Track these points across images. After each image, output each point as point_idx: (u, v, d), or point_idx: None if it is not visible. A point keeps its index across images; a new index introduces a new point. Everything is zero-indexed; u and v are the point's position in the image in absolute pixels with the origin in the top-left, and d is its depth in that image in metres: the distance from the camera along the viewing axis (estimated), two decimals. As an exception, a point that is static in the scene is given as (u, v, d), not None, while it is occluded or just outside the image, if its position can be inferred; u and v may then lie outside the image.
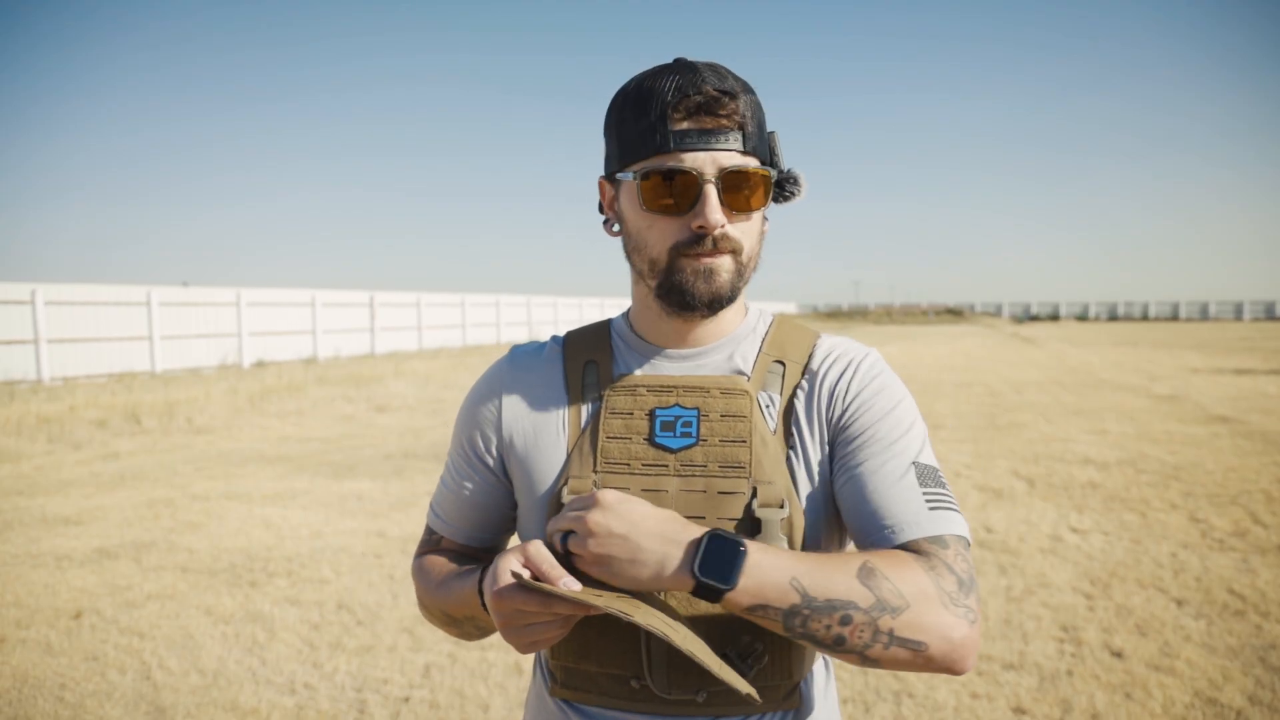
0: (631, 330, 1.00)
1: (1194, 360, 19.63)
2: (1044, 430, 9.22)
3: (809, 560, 0.79)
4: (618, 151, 0.91)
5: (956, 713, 2.94)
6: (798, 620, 0.77)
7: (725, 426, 0.90)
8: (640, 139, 0.87)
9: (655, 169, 0.86)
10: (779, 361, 0.95)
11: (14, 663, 3.40)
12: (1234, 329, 43.60)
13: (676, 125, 0.85)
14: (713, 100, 0.85)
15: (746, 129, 0.87)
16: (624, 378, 0.96)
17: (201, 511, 5.91)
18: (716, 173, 0.85)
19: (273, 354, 20.14)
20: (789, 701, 0.91)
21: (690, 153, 0.85)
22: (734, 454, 0.89)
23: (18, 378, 14.37)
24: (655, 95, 0.86)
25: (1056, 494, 6.21)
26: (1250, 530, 5.11)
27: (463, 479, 1.02)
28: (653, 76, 0.88)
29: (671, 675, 0.88)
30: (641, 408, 0.93)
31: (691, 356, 0.96)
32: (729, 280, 0.89)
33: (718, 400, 0.92)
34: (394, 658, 3.43)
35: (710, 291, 0.88)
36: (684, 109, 0.85)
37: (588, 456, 0.92)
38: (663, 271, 0.90)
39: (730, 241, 0.88)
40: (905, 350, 25.00)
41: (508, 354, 1.05)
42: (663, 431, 0.91)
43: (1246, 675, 3.16)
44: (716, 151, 0.85)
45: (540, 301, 33.26)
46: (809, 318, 66.68)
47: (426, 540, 1.08)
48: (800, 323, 1.02)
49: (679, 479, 0.90)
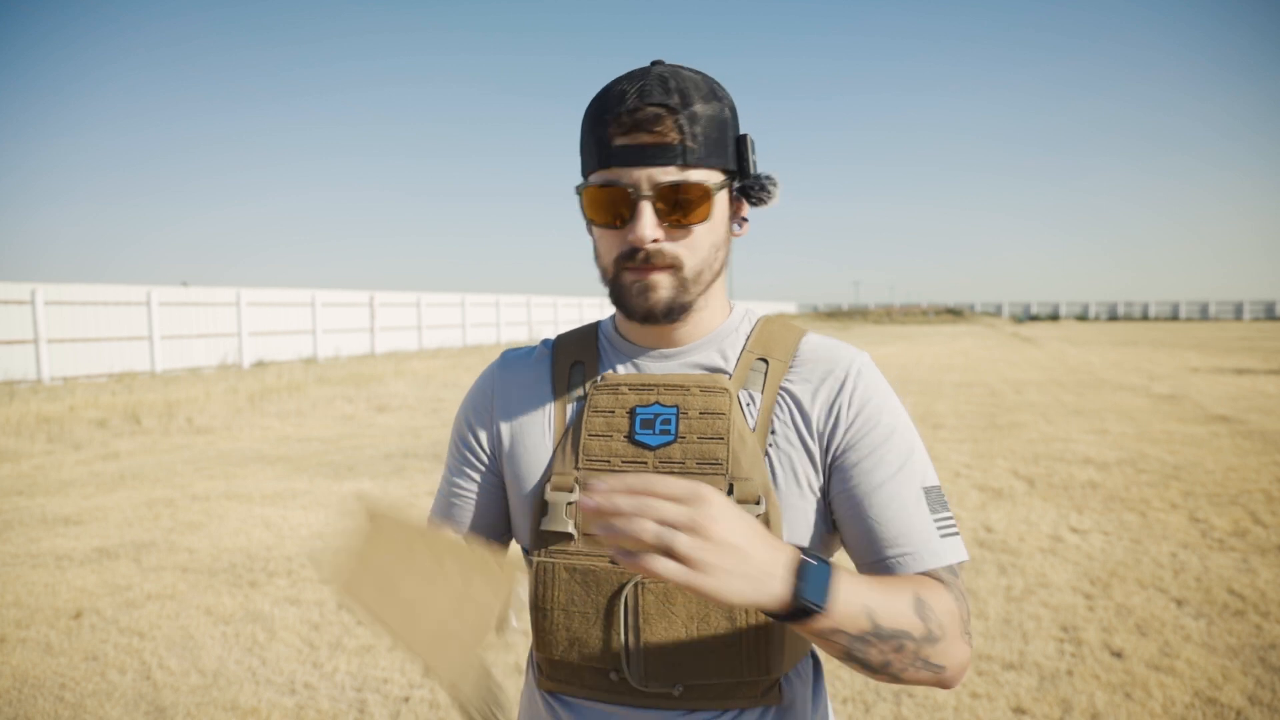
0: (617, 332, 1.01)
1: (1194, 360, 19.63)
2: (1044, 430, 9.22)
3: (875, 588, 0.80)
4: (581, 161, 0.94)
5: (956, 713, 2.94)
6: (860, 645, 0.77)
7: (703, 424, 0.91)
8: (588, 153, 0.90)
9: (595, 183, 0.89)
10: (762, 359, 0.96)
11: (14, 663, 3.40)
12: (1234, 329, 43.60)
13: (615, 141, 0.86)
14: (650, 117, 0.85)
15: (688, 143, 0.86)
16: (608, 376, 0.97)
17: (201, 511, 5.91)
18: (651, 188, 0.86)
19: (273, 354, 20.14)
20: (769, 697, 0.92)
21: (626, 168, 0.86)
22: (711, 451, 0.90)
23: (18, 378, 14.37)
24: (603, 109, 0.88)
25: (1056, 494, 6.21)
26: (1250, 530, 5.11)
27: (459, 481, 1.04)
28: (608, 88, 0.89)
29: (648, 668, 0.89)
30: (623, 406, 0.94)
31: (674, 356, 0.97)
32: (668, 296, 0.89)
33: (697, 398, 0.93)
34: (394, 658, 3.43)
35: (646, 306, 0.89)
36: (621, 125, 0.86)
37: (570, 454, 0.94)
38: (610, 282, 0.92)
39: (665, 257, 0.88)
40: (905, 350, 24.99)
41: (499, 358, 1.07)
42: (642, 429, 0.93)
43: (1246, 675, 3.16)
44: (652, 168, 0.86)
45: (540, 301, 33.25)
46: (809, 318, 66.66)
47: None
48: (786, 321, 1.02)
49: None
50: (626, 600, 0.89)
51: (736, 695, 0.90)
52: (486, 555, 0.79)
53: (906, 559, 0.87)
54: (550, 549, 0.92)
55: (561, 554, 0.92)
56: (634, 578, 0.89)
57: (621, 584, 0.89)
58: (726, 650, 0.88)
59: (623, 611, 0.89)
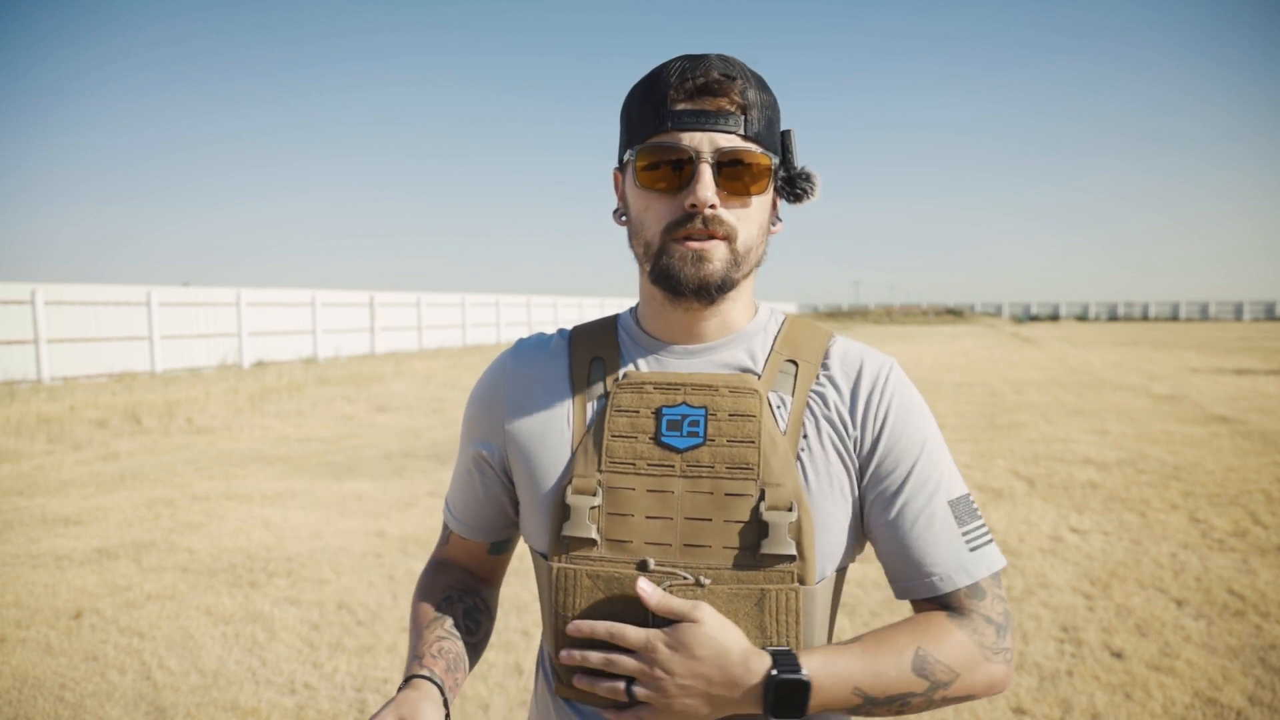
0: (638, 325, 0.98)
1: (1194, 360, 19.63)
2: (1044, 430, 9.22)
3: (867, 659, 0.83)
4: (625, 136, 0.92)
5: (957, 713, 2.93)
6: (860, 712, 0.85)
7: (733, 426, 0.88)
8: (643, 121, 0.88)
9: (651, 146, 0.86)
10: (791, 361, 0.93)
11: (14, 663, 3.40)
12: (1234, 329, 43.59)
13: (676, 106, 0.86)
14: (714, 83, 0.85)
15: (749, 114, 0.86)
16: (631, 374, 0.93)
17: (201, 512, 5.90)
18: (712, 153, 0.85)
19: (273, 354, 20.14)
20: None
21: (688, 132, 0.85)
22: (742, 455, 0.87)
23: (18, 378, 14.36)
24: (660, 79, 0.87)
25: (1056, 494, 6.21)
26: (1250, 530, 5.11)
27: (470, 475, 1.02)
28: (664, 65, 0.89)
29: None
30: (648, 406, 0.91)
31: (699, 353, 0.94)
32: (721, 268, 0.87)
33: (726, 399, 0.89)
34: (394, 658, 3.43)
35: (699, 277, 0.86)
36: (685, 91, 0.85)
37: (593, 455, 0.90)
38: (655, 255, 0.88)
39: (723, 225, 0.86)
40: (905, 350, 24.99)
41: (512, 347, 1.02)
42: (669, 431, 0.89)
43: (1246, 675, 3.16)
44: (714, 132, 0.85)
45: (540, 301, 33.28)
46: (809, 318, 66.58)
47: (441, 536, 1.10)
48: (812, 322, 1.00)
49: (685, 480, 0.88)
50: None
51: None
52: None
53: (935, 581, 0.88)
54: (572, 555, 0.89)
55: (584, 560, 0.88)
56: (661, 585, 0.87)
57: None
58: None
59: (650, 620, 0.86)
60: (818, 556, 0.87)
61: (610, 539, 0.88)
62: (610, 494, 0.89)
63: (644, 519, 0.88)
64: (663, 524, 0.87)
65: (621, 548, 0.88)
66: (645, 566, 0.87)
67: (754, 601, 0.85)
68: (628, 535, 0.88)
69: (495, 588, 1.11)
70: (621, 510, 0.88)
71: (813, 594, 0.87)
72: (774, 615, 0.86)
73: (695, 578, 0.86)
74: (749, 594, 0.85)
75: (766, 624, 0.86)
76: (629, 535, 0.88)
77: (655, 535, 0.87)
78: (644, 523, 0.88)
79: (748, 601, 0.86)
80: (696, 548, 0.87)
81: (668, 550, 0.87)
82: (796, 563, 0.85)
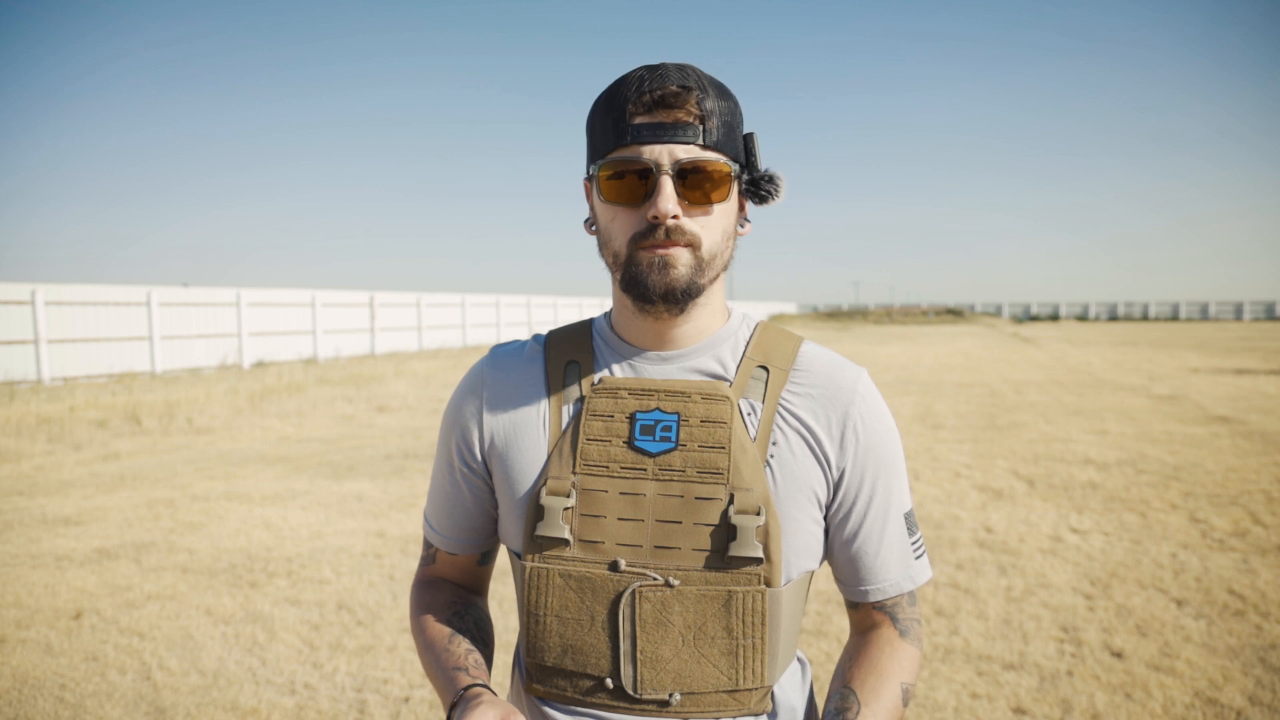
0: (612, 330, 0.99)
1: (1194, 360, 19.63)
2: (1044, 430, 9.22)
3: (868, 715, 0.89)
4: (590, 150, 0.93)
5: (956, 713, 2.93)
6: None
7: (705, 432, 0.90)
8: (604, 135, 0.89)
9: (613, 161, 0.88)
10: (762, 367, 0.95)
11: (14, 663, 3.40)
12: (1234, 329, 43.59)
13: (635, 120, 0.87)
14: (671, 95, 0.86)
15: (707, 123, 0.87)
16: (606, 379, 0.95)
17: (201, 512, 5.91)
18: (672, 164, 0.86)
19: (273, 354, 20.14)
20: (761, 705, 0.92)
21: (647, 145, 0.86)
22: (712, 460, 0.89)
23: (18, 378, 14.37)
24: (619, 94, 0.88)
25: (1056, 494, 6.21)
26: (1250, 530, 5.11)
27: (449, 483, 1.02)
28: (623, 78, 0.91)
29: (644, 676, 0.89)
30: (622, 410, 0.93)
31: (672, 359, 0.95)
32: (686, 274, 0.88)
33: (698, 405, 0.91)
34: (394, 658, 3.43)
35: (664, 283, 0.88)
36: (642, 104, 0.87)
37: (567, 458, 0.92)
38: (624, 264, 0.90)
39: (684, 234, 0.87)
40: (905, 351, 24.99)
41: (488, 354, 1.04)
42: (642, 435, 0.91)
43: (1246, 675, 3.16)
44: (673, 144, 0.86)
45: (540, 301, 33.28)
46: (809, 318, 66.69)
47: (424, 554, 1.09)
48: (782, 328, 1.01)
49: (657, 483, 0.90)
50: (623, 608, 0.89)
51: (730, 704, 0.90)
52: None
53: (887, 587, 0.96)
54: (545, 554, 0.91)
55: (556, 559, 0.91)
56: (631, 585, 0.88)
57: (619, 591, 0.89)
58: (722, 659, 0.88)
59: (620, 619, 0.89)
60: (784, 560, 0.90)
61: (583, 539, 0.90)
62: (583, 496, 0.91)
63: (616, 521, 0.90)
64: (634, 526, 0.90)
65: (593, 548, 0.90)
66: (616, 567, 0.89)
67: (721, 603, 0.88)
68: (600, 536, 0.90)
69: (485, 597, 1.13)
70: (594, 512, 0.91)
71: (779, 596, 0.89)
72: (740, 616, 0.88)
73: (665, 579, 0.88)
74: (717, 595, 0.88)
75: (733, 625, 0.88)
76: (601, 536, 0.90)
77: (627, 537, 0.90)
78: (616, 524, 0.90)
79: (715, 603, 0.88)
80: (666, 549, 0.89)
81: (639, 551, 0.89)
82: (763, 565, 0.88)
